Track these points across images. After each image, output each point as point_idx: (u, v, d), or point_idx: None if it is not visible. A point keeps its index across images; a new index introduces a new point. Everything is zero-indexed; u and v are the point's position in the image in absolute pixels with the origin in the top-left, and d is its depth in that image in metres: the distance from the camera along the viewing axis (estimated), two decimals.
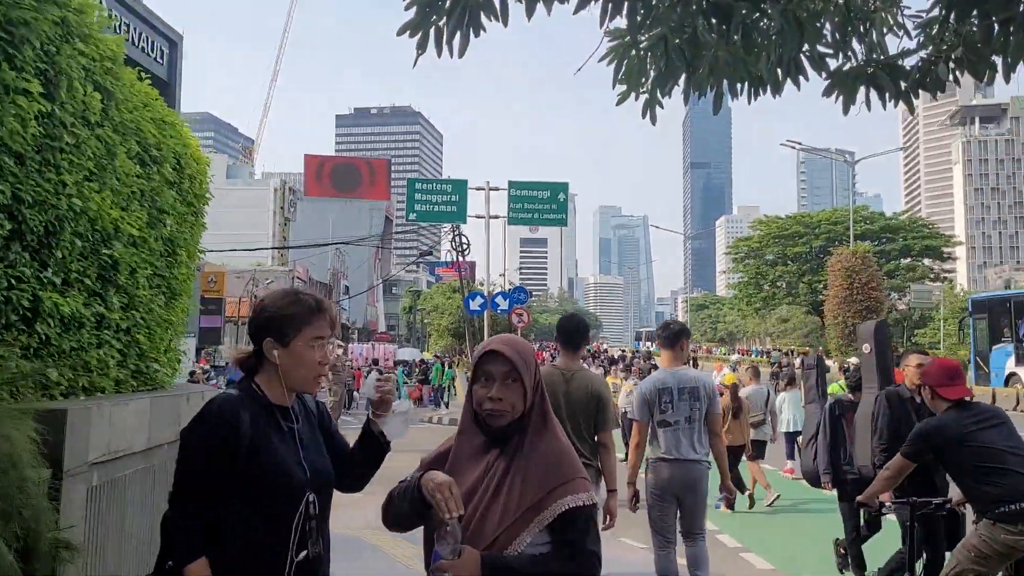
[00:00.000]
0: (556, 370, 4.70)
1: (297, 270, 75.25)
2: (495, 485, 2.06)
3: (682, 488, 4.92)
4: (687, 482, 4.89)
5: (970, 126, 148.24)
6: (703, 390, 4.96)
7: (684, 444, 4.90)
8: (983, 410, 4.21)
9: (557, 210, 24.32)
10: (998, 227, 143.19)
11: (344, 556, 3.18)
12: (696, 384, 4.97)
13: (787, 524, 9.28)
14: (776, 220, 71.52)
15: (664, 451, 4.94)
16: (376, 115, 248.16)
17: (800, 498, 10.29)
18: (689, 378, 5.02)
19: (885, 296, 40.95)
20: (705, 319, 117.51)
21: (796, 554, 7.62)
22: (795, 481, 11.23)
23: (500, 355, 2.13)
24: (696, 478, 4.93)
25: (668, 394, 4.91)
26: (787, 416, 11.78)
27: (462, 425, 2.20)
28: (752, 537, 8.13)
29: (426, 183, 24.81)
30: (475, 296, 24.46)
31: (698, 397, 4.92)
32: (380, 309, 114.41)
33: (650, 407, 4.97)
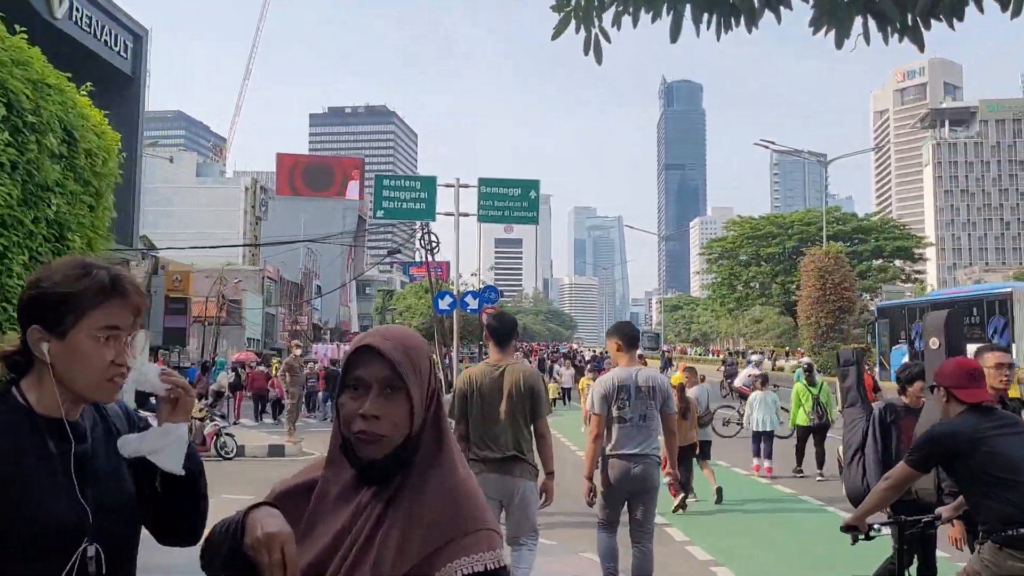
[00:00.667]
0: (487, 365, 4.84)
1: (268, 269, 74.19)
2: (363, 540, 1.41)
3: (633, 483, 5.03)
4: (638, 478, 5.00)
5: (940, 129, 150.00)
6: (659, 390, 5.14)
7: (637, 440, 5.03)
8: (1002, 416, 3.68)
9: (528, 208, 23.76)
10: (967, 229, 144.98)
11: None
12: (652, 384, 5.14)
13: (743, 524, 9.04)
14: (749, 220, 71.58)
15: (618, 446, 5.05)
16: (350, 114, 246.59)
17: (766, 497, 10.24)
18: (646, 377, 5.17)
19: (858, 296, 40.87)
20: (679, 320, 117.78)
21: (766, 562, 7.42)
22: (760, 479, 11.51)
23: (378, 353, 1.46)
24: (648, 472, 5.04)
25: (626, 391, 5.06)
26: (757, 416, 11.81)
27: (330, 453, 1.52)
28: (720, 547, 7.81)
29: (394, 179, 24.18)
30: (444, 295, 23.85)
31: (653, 396, 5.09)
32: (353, 310, 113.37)
33: (608, 403, 5.10)
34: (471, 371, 5.00)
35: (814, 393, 11.67)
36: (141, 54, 42.80)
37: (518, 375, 4.76)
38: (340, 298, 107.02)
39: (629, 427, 5.05)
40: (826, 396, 11.72)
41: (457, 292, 23.95)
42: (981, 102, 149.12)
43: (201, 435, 13.45)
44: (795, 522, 8.70)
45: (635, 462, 5.02)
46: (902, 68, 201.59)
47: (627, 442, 5.03)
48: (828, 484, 10.89)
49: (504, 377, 4.74)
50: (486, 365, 4.88)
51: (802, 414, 11.68)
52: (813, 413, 11.55)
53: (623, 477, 5.03)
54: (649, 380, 5.17)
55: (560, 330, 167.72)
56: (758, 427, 11.76)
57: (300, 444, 14.66)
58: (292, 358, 15.87)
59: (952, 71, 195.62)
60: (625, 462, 5.03)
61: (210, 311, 45.39)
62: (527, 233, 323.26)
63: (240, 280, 53.62)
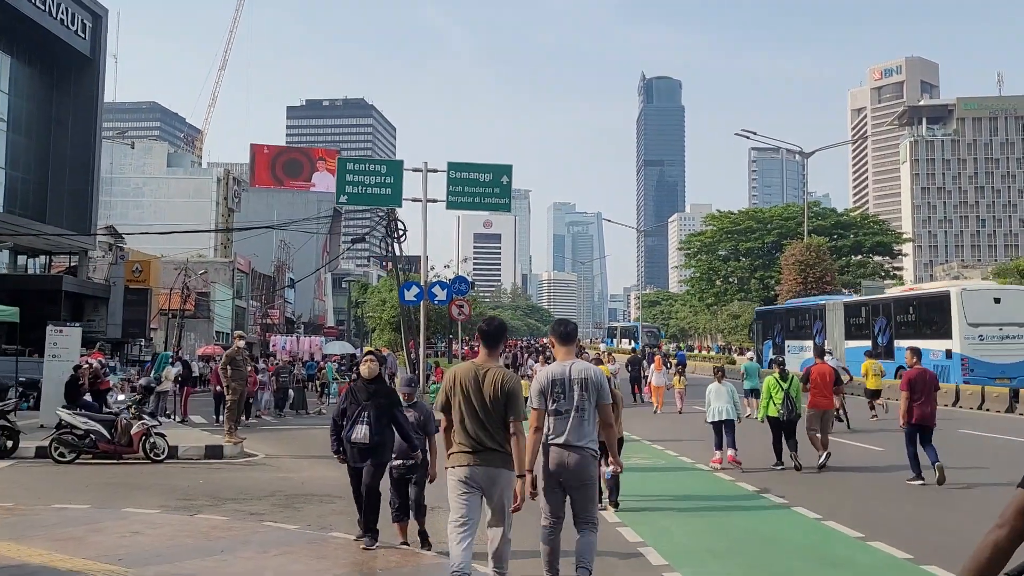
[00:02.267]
0: (472, 365, 5.17)
1: (239, 261, 72.47)
2: None
3: (568, 473, 5.18)
4: (573, 467, 5.15)
5: (917, 126, 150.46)
6: (591, 382, 5.27)
7: (571, 431, 5.19)
8: None
9: (500, 194, 22.67)
10: (943, 226, 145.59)
11: None
12: (586, 376, 5.27)
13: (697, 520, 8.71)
14: (728, 215, 70.89)
15: (553, 436, 5.22)
16: (328, 107, 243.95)
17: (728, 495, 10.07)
18: (579, 370, 5.32)
19: (839, 290, 40.13)
20: (657, 315, 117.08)
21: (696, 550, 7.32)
22: (725, 476, 11.32)
23: None
24: (582, 464, 5.18)
25: (560, 385, 5.23)
26: (715, 406, 11.94)
27: None
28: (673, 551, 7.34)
29: (359, 163, 22.92)
30: (411, 286, 22.62)
31: (586, 388, 5.21)
32: (329, 303, 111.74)
33: (544, 396, 5.27)
34: (457, 369, 5.26)
35: (784, 387, 11.81)
36: (100, 35, 41.23)
37: (498, 378, 5.04)
38: (315, 292, 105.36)
39: (564, 418, 5.22)
40: (796, 390, 11.84)
41: (425, 283, 22.75)
42: (958, 100, 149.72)
43: (127, 435, 12.17)
44: (756, 524, 8.36)
45: (569, 453, 5.19)
46: (879, 66, 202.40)
47: (562, 432, 5.21)
48: (796, 476, 11.09)
49: (485, 378, 5.03)
50: (471, 364, 5.20)
51: (772, 407, 11.82)
52: (783, 407, 11.68)
53: (559, 462, 5.21)
54: (582, 373, 5.31)
55: (538, 326, 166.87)
56: (716, 417, 11.88)
57: (241, 445, 13.41)
58: (234, 350, 14.37)
59: (929, 70, 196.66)
60: (561, 450, 5.20)
61: (175, 303, 43.85)
62: (506, 228, 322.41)
63: (206, 271, 51.94)
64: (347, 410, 6.79)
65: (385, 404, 6.69)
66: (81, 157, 37.88)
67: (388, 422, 6.66)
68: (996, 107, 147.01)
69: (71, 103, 38.37)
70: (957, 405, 22.81)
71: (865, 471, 11.75)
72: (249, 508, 8.80)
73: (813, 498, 9.42)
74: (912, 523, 8.37)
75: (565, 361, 5.41)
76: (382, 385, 7.02)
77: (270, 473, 11.07)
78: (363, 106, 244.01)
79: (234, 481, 10.76)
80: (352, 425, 6.66)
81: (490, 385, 4.98)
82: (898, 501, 9.56)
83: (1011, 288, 27.98)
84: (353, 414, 6.71)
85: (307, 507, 8.87)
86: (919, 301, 27.49)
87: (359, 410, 6.67)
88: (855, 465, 12.25)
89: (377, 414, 6.61)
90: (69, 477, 11.10)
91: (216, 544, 6.74)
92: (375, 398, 6.68)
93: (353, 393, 6.89)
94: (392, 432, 6.71)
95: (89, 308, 37.93)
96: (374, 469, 6.64)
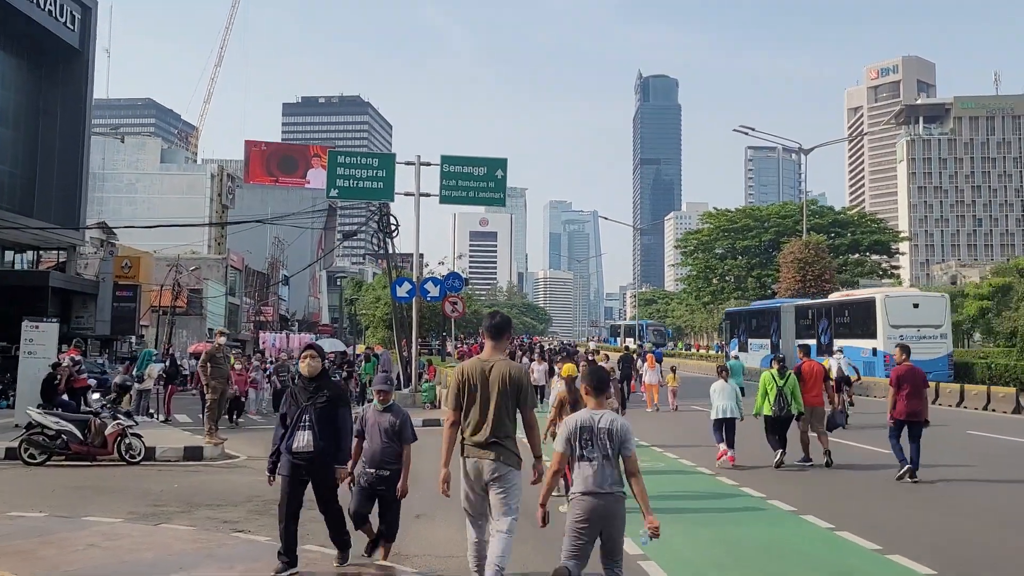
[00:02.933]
0: (479, 360, 5.40)
1: (232, 258, 71.80)
2: None
3: (601, 519, 5.19)
4: (605, 513, 5.17)
5: (914, 125, 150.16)
6: (615, 433, 5.21)
7: (602, 478, 5.16)
8: None
9: (495, 188, 22.12)
10: (940, 225, 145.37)
11: None
12: (612, 427, 5.24)
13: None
14: (726, 213, 70.36)
15: (583, 486, 5.16)
16: (324, 104, 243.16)
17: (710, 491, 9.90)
18: (607, 420, 5.29)
19: (837, 289, 39.62)
20: (653, 314, 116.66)
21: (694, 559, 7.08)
22: (705, 470, 11.39)
23: None
24: (613, 509, 5.20)
25: (589, 432, 5.19)
26: (718, 404, 12.04)
27: None
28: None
29: (350, 156, 22.32)
30: (403, 282, 22.05)
31: (612, 437, 5.19)
32: (324, 301, 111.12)
33: (571, 443, 5.20)
34: (464, 366, 5.41)
35: (780, 385, 11.71)
36: (89, 26, 40.55)
37: (505, 371, 5.27)
38: (310, 290, 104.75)
39: (592, 464, 5.20)
40: (791, 388, 11.75)
41: (417, 279, 22.18)
42: (955, 99, 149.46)
43: (101, 436, 11.59)
44: (763, 534, 8.02)
45: (601, 499, 5.16)
46: (876, 65, 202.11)
47: (592, 481, 5.18)
48: (802, 481, 10.86)
49: (492, 372, 5.24)
50: (477, 360, 5.38)
51: (767, 405, 11.73)
52: (776, 405, 11.61)
53: (590, 510, 5.17)
54: (609, 423, 5.30)
55: (534, 324, 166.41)
56: (720, 414, 11.98)
57: (222, 446, 12.83)
58: (214, 347, 13.85)
59: (926, 69, 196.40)
60: (586, 499, 5.18)
61: (164, 300, 43.24)
62: (502, 226, 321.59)
63: (197, 268, 51.30)
64: (287, 415, 5.89)
65: (327, 404, 5.86)
66: (70, 151, 37.22)
67: (335, 424, 5.90)
68: (993, 106, 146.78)
69: (59, 96, 37.72)
70: (962, 406, 22.62)
71: (873, 472, 11.45)
72: (223, 515, 8.24)
73: (823, 505, 9.06)
74: (932, 532, 8.00)
75: (596, 409, 5.34)
76: (325, 381, 6.11)
77: (250, 476, 10.50)
78: (359, 103, 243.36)
79: (211, 485, 10.19)
80: (292, 432, 5.76)
81: (498, 378, 5.21)
82: (915, 507, 9.21)
83: (928, 295, 31.21)
84: (293, 419, 5.82)
85: None
86: (852, 305, 30.89)
87: (299, 413, 5.81)
88: (863, 465, 12.02)
89: (321, 416, 5.81)
90: (36, 480, 10.51)
91: (176, 559, 6.18)
92: (317, 397, 5.86)
93: (293, 395, 6.02)
94: (345, 436, 5.99)
95: (77, 304, 37.32)
96: (324, 486, 5.89)
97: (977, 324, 59.46)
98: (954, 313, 61.52)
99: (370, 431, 6.30)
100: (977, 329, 60.87)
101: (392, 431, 6.26)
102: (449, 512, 8.77)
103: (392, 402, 6.51)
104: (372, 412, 6.40)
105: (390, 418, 6.30)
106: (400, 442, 6.29)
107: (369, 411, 6.47)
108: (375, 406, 6.46)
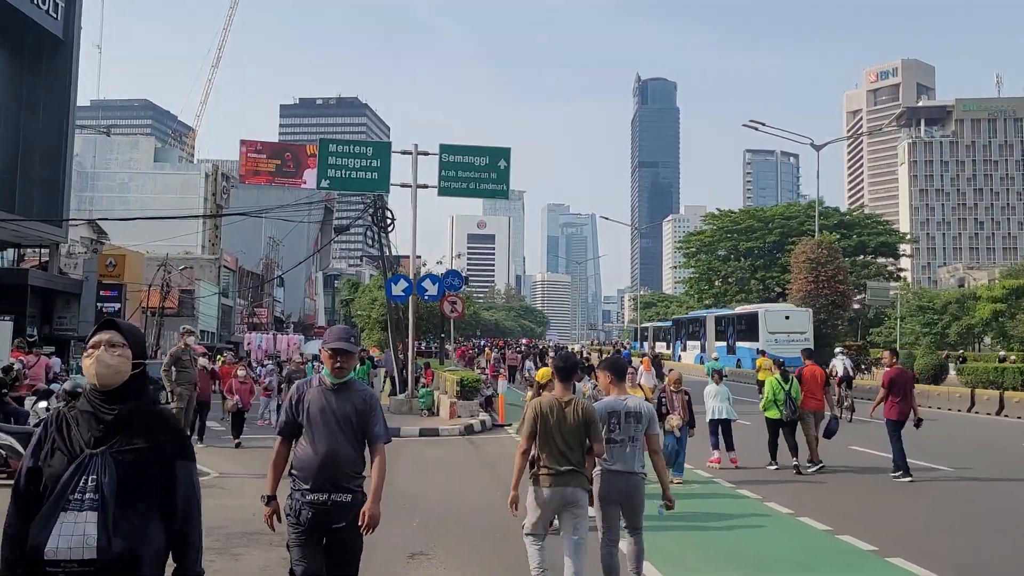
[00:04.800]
0: (555, 399, 5.47)
1: (225, 258, 70.31)
2: None
3: (624, 495, 5.86)
4: (628, 490, 5.83)
5: (915, 128, 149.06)
6: (644, 415, 5.87)
7: (627, 458, 5.80)
8: None
9: (497, 179, 20.67)
10: (942, 228, 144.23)
11: None
12: (639, 409, 5.87)
13: None
14: (729, 214, 68.96)
15: (610, 464, 5.78)
16: (322, 106, 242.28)
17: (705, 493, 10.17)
18: (634, 404, 5.93)
19: (852, 290, 38.28)
20: (652, 317, 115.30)
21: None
22: (702, 471, 11.78)
23: None
24: (635, 487, 5.85)
25: (616, 416, 5.82)
26: (712, 405, 12.48)
27: None
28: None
29: (342, 144, 20.87)
30: (398, 279, 20.58)
31: (640, 420, 5.83)
32: (320, 303, 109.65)
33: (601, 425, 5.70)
34: (541, 401, 5.46)
35: (785, 388, 11.97)
36: (74, 15, 39.01)
37: (579, 409, 5.42)
38: (305, 291, 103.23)
39: (620, 447, 5.79)
40: (796, 391, 12.00)
41: (414, 276, 20.71)
42: (957, 101, 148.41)
43: None
44: (762, 538, 8.01)
45: (625, 479, 5.80)
46: (875, 68, 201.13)
47: (620, 460, 5.80)
48: (801, 483, 10.97)
49: (568, 409, 5.40)
50: (553, 398, 5.47)
51: (774, 409, 11.94)
52: (785, 407, 11.78)
53: (615, 487, 5.83)
54: (636, 407, 5.88)
55: (532, 327, 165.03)
56: (715, 415, 12.39)
57: None
58: (179, 348, 12.08)
59: (925, 72, 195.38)
60: (616, 477, 5.80)
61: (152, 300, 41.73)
62: (500, 229, 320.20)
63: (186, 267, 49.78)
64: (42, 474, 2.55)
65: (137, 456, 2.58)
66: (53, 145, 35.70)
67: (157, 499, 2.62)
68: (995, 108, 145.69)
69: (43, 88, 36.20)
70: (947, 408, 23.30)
71: (869, 475, 11.56)
72: None
73: (820, 506, 9.02)
74: (932, 533, 8.13)
75: (620, 395, 5.96)
76: (140, 408, 2.68)
77: (216, 500, 9.02)
78: (357, 105, 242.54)
79: None
80: (50, 516, 2.47)
81: (573, 414, 5.36)
82: (915, 507, 9.37)
83: (795, 309, 38.61)
84: (57, 486, 2.50)
85: (250, 552, 6.86)
86: (746, 316, 40.76)
87: (74, 474, 2.50)
88: (858, 467, 12.21)
89: (125, 480, 2.53)
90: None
91: None
92: (117, 440, 2.58)
93: (62, 432, 2.60)
94: (192, 521, 2.69)
95: (60, 305, 35.82)
96: None
97: (990, 327, 58.11)
98: (965, 316, 61.05)
99: (313, 423, 3.95)
100: (989, 332, 59.52)
101: (353, 422, 3.97)
102: (451, 548, 7.32)
103: (353, 376, 4.15)
104: (316, 392, 4.03)
105: (351, 400, 4.01)
106: (365, 442, 4.03)
107: (311, 390, 4.07)
108: (324, 379, 4.08)
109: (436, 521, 8.24)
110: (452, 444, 15.36)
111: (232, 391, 14.62)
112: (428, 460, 12.96)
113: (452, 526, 8.11)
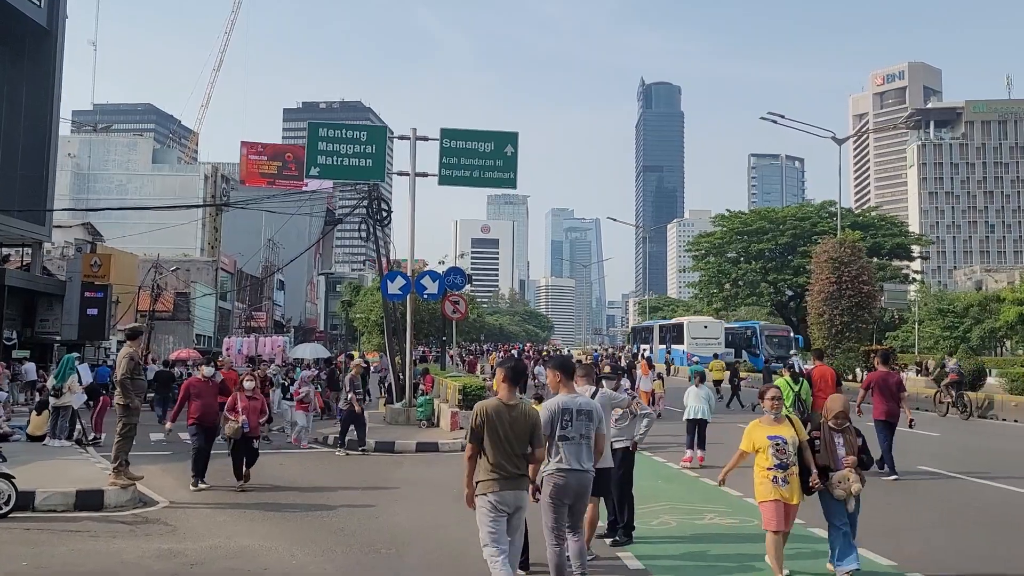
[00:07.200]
0: (500, 403, 5.60)
1: (223, 261, 68.65)
2: None
3: (576, 495, 5.93)
4: (580, 489, 5.92)
5: (924, 130, 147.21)
6: (595, 413, 6.01)
7: (580, 456, 5.88)
8: None
9: (504, 167, 18.87)
10: (952, 231, 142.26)
11: None
12: (590, 408, 6.00)
13: None
14: (739, 215, 67.06)
15: (563, 463, 5.83)
16: (325, 109, 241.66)
17: None
18: (585, 402, 6.06)
19: (878, 291, 36.38)
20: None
21: None
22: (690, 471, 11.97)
23: None
24: (586, 486, 5.97)
25: (569, 414, 5.87)
26: (692, 405, 13.07)
27: None
28: None
29: (334, 128, 19.10)
30: (395, 276, 18.76)
31: (591, 418, 5.93)
32: (321, 307, 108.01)
33: (552, 424, 5.85)
34: (487, 405, 5.57)
35: (795, 390, 12.00)
36: (58, 3, 37.36)
37: (524, 414, 5.58)
38: (306, 295, 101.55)
39: (573, 444, 5.88)
40: (806, 393, 12.14)
41: (412, 272, 18.90)
42: (967, 103, 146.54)
43: None
44: (712, 515, 8.48)
45: (576, 476, 5.88)
46: (881, 72, 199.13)
47: (573, 458, 5.85)
48: None
49: (515, 413, 5.53)
50: (499, 402, 5.59)
51: (784, 410, 10.48)
52: (795, 408, 11.64)
53: (566, 486, 5.85)
54: (587, 405, 6.05)
55: (536, 331, 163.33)
56: (692, 415, 12.94)
57: (133, 487, 9.21)
58: (135, 350, 9.70)
59: (932, 75, 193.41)
60: (568, 475, 5.85)
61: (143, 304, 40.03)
62: (504, 233, 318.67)
63: (177, 268, 48.06)
64: None
65: None
66: (36, 140, 33.98)
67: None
68: (1005, 110, 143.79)
69: (25, 79, 34.46)
70: None
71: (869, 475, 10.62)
72: None
73: (803, 504, 7.98)
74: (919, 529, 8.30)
75: (570, 394, 6.06)
76: None
77: (158, 540, 7.20)
78: (360, 109, 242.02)
79: (92, 558, 6.77)
80: None
81: (521, 419, 5.47)
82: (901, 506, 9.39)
83: (713, 320, 50.02)
84: None
85: None
86: (675, 326, 53.12)
87: None
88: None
89: None
90: None
91: None
92: None
93: None
94: None
95: (42, 307, 34.07)
96: None
97: (1015, 330, 56.13)
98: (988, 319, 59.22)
99: None
100: (1014, 336, 57.55)
101: None
102: None
103: None
104: None
105: None
106: None
107: None
108: None
109: (428, 569, 6.45)
110: (453, 462, 13.49)
111: (235, 409, 10.85)
112: (424, 483, 11.17)
113: None
